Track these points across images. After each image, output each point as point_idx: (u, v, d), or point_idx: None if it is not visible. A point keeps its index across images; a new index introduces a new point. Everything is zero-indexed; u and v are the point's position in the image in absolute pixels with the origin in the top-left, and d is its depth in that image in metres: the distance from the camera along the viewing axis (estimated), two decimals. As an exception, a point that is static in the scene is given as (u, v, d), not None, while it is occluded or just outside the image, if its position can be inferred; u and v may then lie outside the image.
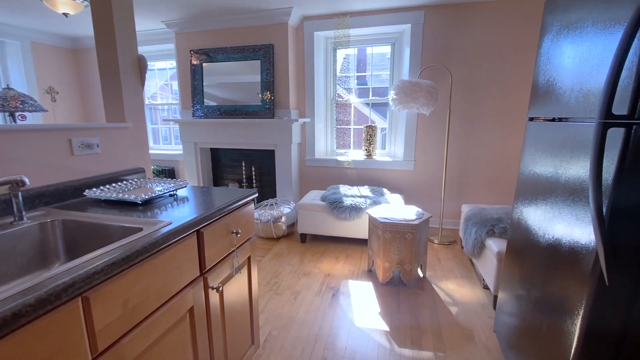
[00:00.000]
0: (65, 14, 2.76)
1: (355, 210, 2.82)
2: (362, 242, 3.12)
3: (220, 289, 1.17)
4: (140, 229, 0.95)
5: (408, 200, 3.54)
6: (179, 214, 1.08)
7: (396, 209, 2.54)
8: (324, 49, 3.64)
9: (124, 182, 1.43)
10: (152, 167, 3.69)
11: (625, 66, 0.79)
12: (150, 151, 4.52)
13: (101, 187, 1.31)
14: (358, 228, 2.91)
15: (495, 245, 2.01)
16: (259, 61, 3.44)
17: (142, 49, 4.21)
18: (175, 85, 4.42)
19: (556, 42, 1.27)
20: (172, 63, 4.36)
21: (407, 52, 3.30)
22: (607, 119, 0.79)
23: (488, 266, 2.10)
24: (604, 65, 0.92)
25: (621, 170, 0.80)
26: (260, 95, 3.48)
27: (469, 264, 2.67)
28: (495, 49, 3.02)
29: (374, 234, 2.41)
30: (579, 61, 1.08)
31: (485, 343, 1.76)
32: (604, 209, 0.82)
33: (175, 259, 0.96)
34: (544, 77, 1.35)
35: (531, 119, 1.48)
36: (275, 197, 3.88)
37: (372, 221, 2.40)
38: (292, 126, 3.46)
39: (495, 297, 2.03)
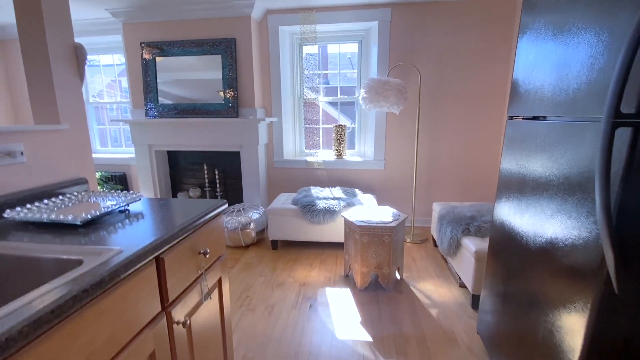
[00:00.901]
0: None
1: (329, 213, 2.71)
2: (337, 245, 3.02)
3: (188, 322, 0.98)
4: (80, 262, 0.75)
5: (380, 200, 3.51)
6: (133, 237, 0.88)
7: (371, 210, 2.46)
8: (289, 45, 3.48)
9: (60, 197, 1.17)
10: (100, 173, 3.29)
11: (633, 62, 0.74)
12: (97, 156, 4.05)
13: (28, 206, 1.05)
14: (332, 232, 2.81)
15: (472, 244, 2.00)
16: (220, 56, 3.20)
17: (83, 41, 3.74)
18: (125, 82, 4.00)
19: (535, 41, 1.24)
20: (120, 58, 3.93)
21: (374, 51, 3.25)
22: (616, 118, 0.74)
23: (465, 265, 2.09)
24: (590, 64, 0.88)
25: (629, 170, 0.75)
26: (222, 93, 3.24)
27: (443, 262, 2.68)
28: (462, 48, 3.06)
29: (350, 238, 2.31)
30: (560, 60, 1.04)
31: (469, 345, 1.73)
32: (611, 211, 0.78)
33: (129, 296, 0.77)
34: (523, 76, 1.33)
35: (511, 118, 1.46)
36: (242, 202, 3.66)
37: (349, 225, 2.31)
38: (258, 126, 3.26)
39: (474, 297, 2.03)
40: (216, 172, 3.59)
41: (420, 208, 3.47)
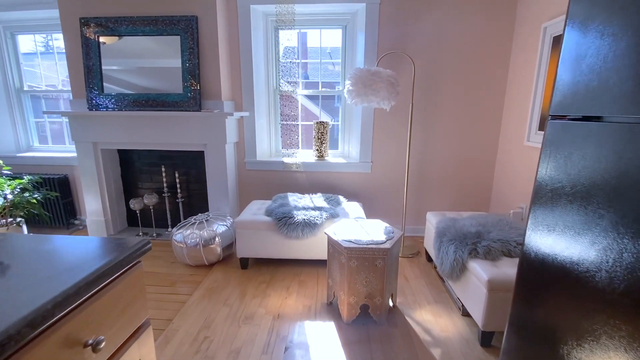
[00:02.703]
0: None
1: (309, 227, 2.28)
2: (318, 263, 2.60)
3: None
4: None
5: (367, 208, 3.13)
6: None
7: (359, 225, 2.06)
8: (263, 28, 3.00)
9: None
10: (28, 178, 2.69)
11: None
12: (34, 154, 3.40)
13: None
14: (313, 248, 2.39)
15: (482, 270, 1.65)
16: (179, 37, 2.67)
17: (10, 16, 3.09)
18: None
19: (594, 32, 0.87)
20: (59, 37, 3.29)
21: (361, 38, 2.84)
22: None
23: (472, 294, 1.74)
24: None
25: None
26: (182, 82, 2.72)
27: (439, 282, 2.34)
28: (460, 37, 2.71)
29: (335, 261, 1.90)
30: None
31: (485, 404, 1.37)
32: None
33: None
34: (572, 71, 0.95)
35: (554, 117, 1.09)
36: (207, 210, 3.16)
37: (333, 244, 1.89)
38: (225, 121, 2.77)
39: (484, 333, 1.68)
40: (177, 175, 3.07)
41: (410, 215, 3.12)
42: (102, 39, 2.72)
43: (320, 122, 3.06)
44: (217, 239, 2.51)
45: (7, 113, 3.39)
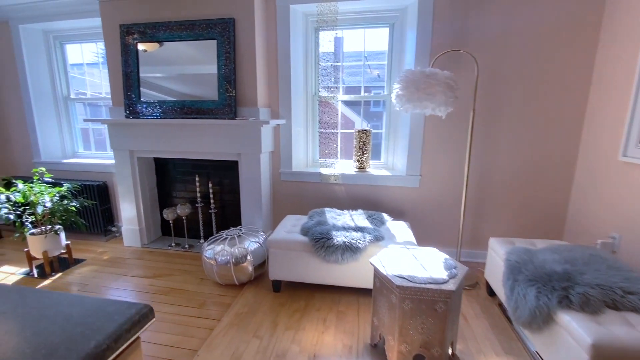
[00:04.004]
0: None
1: (351, 251, 2.00)
2: (359, 291, 2.30)
3: None
4: None
5: (414, 228, 2.77)
6: None
7: (412, 255, 1.74)
8: (303, 29, 2.79)
9: None
10: (67, 185, 2.69)
11: None
12: (77, 160, 3.47)
13: None
14: (353, 274, 2.10)
15: (582, 329, 1.26)
16: (215, 42, 2.54)
17: (60, 25, 3.17)
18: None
19: None
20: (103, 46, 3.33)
21: (411, 36, 2.52)
22: None
23: (563, 357, 1.35)
24: None
25: None
26: (218, 88, 2.58)
27: (506, 324, 1.93)
28: (532, 29, 2.30)
29: (383, 298, 1.60)
30: None
31: None
32: None
33: None
34: None
35: None
36: (240, 224, 2.99)
37: (381, 279, 1.59)
38: (261, 129, 2.59)
39: (583, 412, 1.28)
40: (210, 185, 2.94)
41: (465, 236, 2.72)
42: (140, 46, 2.67)
43: (362, 130, 2.77)
44: (248, 257, 2.31)
45: (55, 120, 3.50)
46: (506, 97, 2.42)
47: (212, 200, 2.97)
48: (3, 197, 2.42)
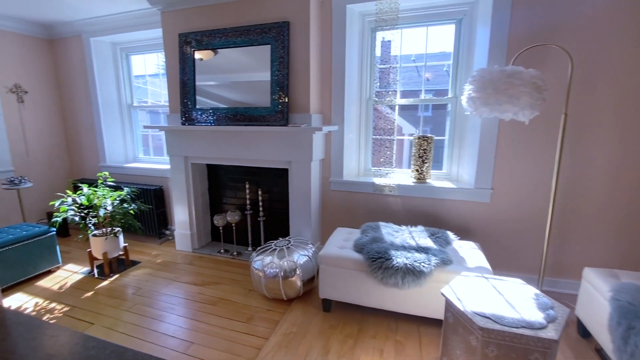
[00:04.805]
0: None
1: (413, 274, 1.76)
2: (420, 320, 2.04)
3: None
4: None
5: (485, 249, 2.44)
6: None
7: (492, 287, 1.46)
8: (359, 30, 2.63)
9: None
10: (127, 189, 2.80)
11: None
12: (137, 165, 3.64)
13: None
14: (414, 300, 1.86)
15: None
16: (269, 46, 2.47)
17: (126, 37, 3.35)
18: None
19: None
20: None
21: (484, 32, 2.23)
22: None
23: None
24: None
25: None
26: (269, 94, 2.51)
27: (612, 379, 1.55)
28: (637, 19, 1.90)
29: (457, 337, 1.34)
30: None
31: None
32: None
33: None
34: None
35: None
36: (288, 234, 2.88)
37: (456, 314, 1.34)
38: (313, 137, 2.46)
39: None
40: (259, 193, 2.88)
41: (547, 261, 2.32)
42: (197, 55, 2.70)
43: (423, 136, 2.52)
44: (297, 271, 2.17)
45: (119, 127, 3.71)
46: (605, 98, 2.03)
47: (260, 208, 2.90)
48: (70, 199, 2.56)
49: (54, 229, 2.69)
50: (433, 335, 1.86)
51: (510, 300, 1.35)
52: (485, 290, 1.43)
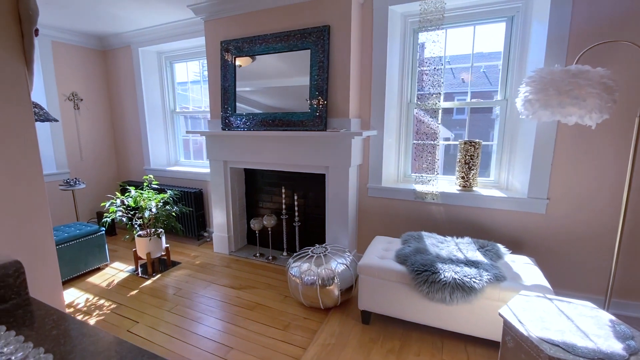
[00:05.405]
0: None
1: (463, 290, 1.64)
2: (468, 339, 1.91)
3: None
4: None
5: (541, 265, 2.25)
6: None
7: (560, 310, 1.32)
8: (400, 32, 2.55)
9: None
10: (170, 191, 2.90)
11: None
12: (178, 168, 3.78)
13: None
14: (463, 318, 1.73)
15: None
16: (309, 51, 2.46)
17: (172, 46, 3.50)
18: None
19: None
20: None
21: (540, 29, 2.07)
22: None
23: None
24: None
25: None
26: (308, 98, 2.49)
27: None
28: None
29: (518, 365, 1.22)
30: None
31: None
32: None
33: None
34: None
35: None
36: (324, 240, 2.84)
37: (517, 338, 1.22)
38: (351, 142, 2.40)
39: None
40: (295, 198, 2.87)
41: (615, 281, 2.09)
42: (237, 61, 2.75)
43: (470, 141, 2.37)
44: (335, 279, 2.12)
45: (162, 132, 3.88)
46: (687, 99, 1.79)
47: (296, 213, 2.88)
48: (119, 201, 2.69)
49: (104, 229, 2.84)
50: (482, 357, 1.72)
51: (581, 326, 1.20)
52: (550, 313, 1.29)
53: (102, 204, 2.73)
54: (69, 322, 0.60)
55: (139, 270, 2.80)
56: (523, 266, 1.85)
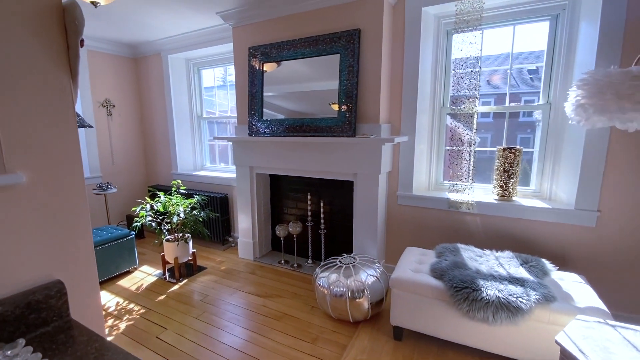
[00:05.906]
0: (94, 3, 2.09)
1: (508, 310, 1.52)
2: None
3: None
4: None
5: (592, 284, 2.07)
6: None
7: (626, 340, 1.18)
8: (434, 33, 2.45)
9: None
10: (198, 197, 2.92)
11: None
12: (205, 173, 3.81)
13: None
14: (507, 340, 1.60)
15: None
16: (338, 56, 2.40)
17: (200, 52, 3.55)
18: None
19: None
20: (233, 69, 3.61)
21: (587, 28, 1.92)
22: None
23: None
24: None
25: None
26: (337, 104, 2.43)
27: None
28: None
29: (580, 401, 1.09)
30: None
31: None
32: None
33: None
34: None
35: None
36: (350, 248, 2.76)
37: (578, 372, 1.10)
38: (382, 148, 2.32)
39: None
40: (321, 205, 2.81)
41: (671, 305, 1.89)
42: (265, 67, 2.73)
43: (509, 148, 2.23)
44: (366, 292, 2.03)
45: (189, 137, 3.94)
46: None
47: (322, 220, 2.82)
48: (149, 206, 2.72)
49: (133, 233, 2.89)
50: (529, 383, 1.59)
51: (655, 361, 1.07)
52: (615, 343, 1.15)
53: (132, 209, 2.78)
54: (112, 352, 0.57)
55: (167, 274, 2.83)
56: (573, 285, 1.70)
